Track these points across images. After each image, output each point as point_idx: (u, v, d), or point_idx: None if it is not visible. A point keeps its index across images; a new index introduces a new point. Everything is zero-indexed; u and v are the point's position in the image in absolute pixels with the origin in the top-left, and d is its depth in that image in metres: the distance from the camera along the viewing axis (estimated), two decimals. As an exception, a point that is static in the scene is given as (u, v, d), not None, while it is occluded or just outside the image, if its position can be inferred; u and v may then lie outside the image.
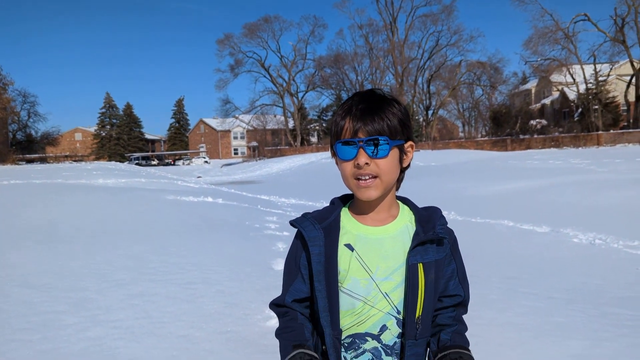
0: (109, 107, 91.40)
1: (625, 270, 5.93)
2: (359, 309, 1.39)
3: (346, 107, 1.39)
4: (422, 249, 1.38)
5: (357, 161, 1.33)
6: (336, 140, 1.38)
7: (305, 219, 1.46)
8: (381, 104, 1.37)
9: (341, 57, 66.41)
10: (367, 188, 1.34)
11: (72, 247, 6.16)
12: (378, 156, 1.33)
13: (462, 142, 50.32)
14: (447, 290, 1.48)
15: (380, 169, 1.34)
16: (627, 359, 3.32)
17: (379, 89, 1.45)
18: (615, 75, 50.02)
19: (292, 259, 1.49)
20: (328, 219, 1.45)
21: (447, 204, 12.62)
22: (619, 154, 26.21)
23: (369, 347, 1.41)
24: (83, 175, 19.12)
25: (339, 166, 1.41)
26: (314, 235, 1.41)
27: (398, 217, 1.45)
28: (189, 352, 3.36)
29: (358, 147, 1.33)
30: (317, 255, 1.39)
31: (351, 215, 1.46)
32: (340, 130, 1.36)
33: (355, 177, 1.35)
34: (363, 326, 1.40)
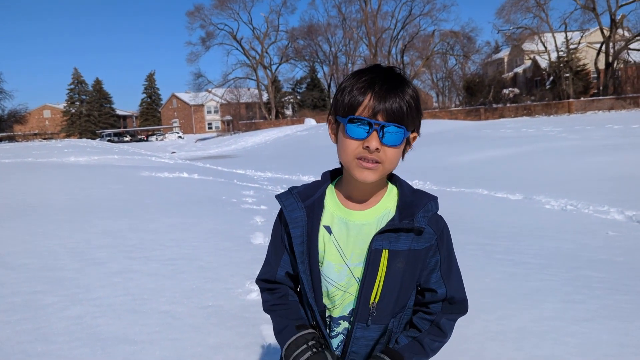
0: (78, 83, 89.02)
1: (596, 234, 6.11)
2: (332, 293, 1.38)
3: (366, 80, 1.26)
4: (394, 236, 1.31)
5: (368, 144, 1.22)
6: (348, 114, 1.25)
7: (291, 195, 1.41)
8: (404, 87, 1.26)
9: (314, 28, 65.65)
10: (368, 170, 1.26)
11: (47, 226, 6.07)
12: (390, 144, 1.24)
13: (437, 112, 50.52)
14: (429, 282, 1.40)
15: (387, 157, 1.26)
16: (599, 319, 3.44)
17: (398, 67, 1.34)
18: (585, 43, 50.59)
19: (278, 236, 1.46)
20: (313, 196, 1.39)
21: (423, 174, 12.74)
22: (590, 121, 26.72)
23: (341, 329, 1.41)
24: (54, 153, 18.72)
25: (339, 140, 1.30)
26: (296, 215, 1.37)
27: (381, 201, 1.37)
28: (171, 328, 3.36)
29: (373, 129, 1.22)
30: (299, 237, 1.36)
31: (336, 195, 1.41)
32: (356, 105, 1.24)
33: (357, 157, 1.26)
34: (337, 310, 1.40)
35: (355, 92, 1.25)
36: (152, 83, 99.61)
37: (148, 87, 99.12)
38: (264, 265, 1.51)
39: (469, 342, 3.16)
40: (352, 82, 1.28)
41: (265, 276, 1.49)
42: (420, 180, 11.63)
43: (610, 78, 45.61)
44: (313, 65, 72.90)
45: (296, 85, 77.34)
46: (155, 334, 3.26)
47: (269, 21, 67.66)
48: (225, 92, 71.20)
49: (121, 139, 72.45)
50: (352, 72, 1.33)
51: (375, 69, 1.30)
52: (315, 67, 73.62)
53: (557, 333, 3.26)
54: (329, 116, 1.37)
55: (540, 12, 48.94)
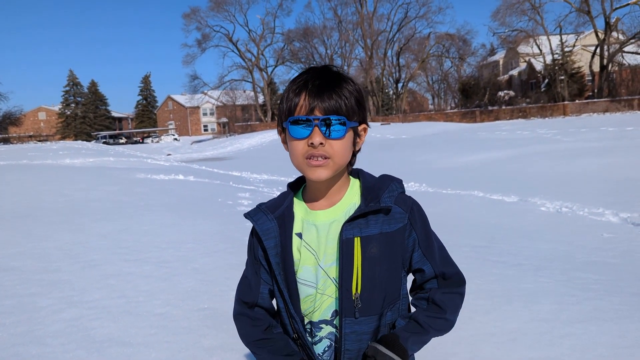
0: (73, 85, 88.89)
1: (590, 236, 6.13)
2: (312, 297, 1.36)
3: (301, 81, 1.29)
4: (363, 221, 1.30)
5: (312, 140, 1.24)
6: (288, 116, 1.28)
7: (259, 210, 1.41)
8: (339, 82, 1.29)
9: (310, 31, 65.72)
10: (317, 167, 1.26)
11: (42, 228, 6.05)
12: (333, 137, 1.25)
13: (432, 114, 50.72)
14: (412, 264, 1.39)
15: (334, 150, 1.26)
16: (593, 320, 3.46)
17: (334, 65, 1.37)
18: (580, 46, 50.85)
19: (251, 253, 1.45)
20: (281, 206, 1.39)
21: (418, 176, 12.77)
22: (585, 123, 26.82)
23: (324, 333, 1.38)
24: (49, 155, 18.67)
25: (288, 145, 1.32)
26: (267, 227, 1.36)
27: (345, 196, 1.37)
28: (166, 330, 3.36)
29: (313, 125, 1.24)
30: (273, 248, 1.35)
31: (302, 201, 1.41)
32: (293, 107, 1.27)
33: (306, 157, 1.27)
34: (316, 314, 1.37)
35: (291, 95, 1.28)
36: (148, 85, 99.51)
37: (144, 89, 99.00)
38: (243, 286, 1.46)
39: (463, 344, 3.17)
40: (288, 87, 1.32)
41: (246, 298, 1.44)
42: (415, 182, 11.65)
43: (605, 81, 45.86)
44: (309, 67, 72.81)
45: (292, 88, 77.21)
46: (150, 337, 3.26)
47: (265, 23, 67.79)
48: (221, 94, 71.19)
49: (116, 141, 72.30)
50: (290, 80, 1.36)
51: (309, 70, 1.33)
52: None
53: (552, 334, 3.27)
54: (278, 127, 1.38)
55: (536, 15, 49.22)
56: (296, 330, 1.38)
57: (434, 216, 1.53)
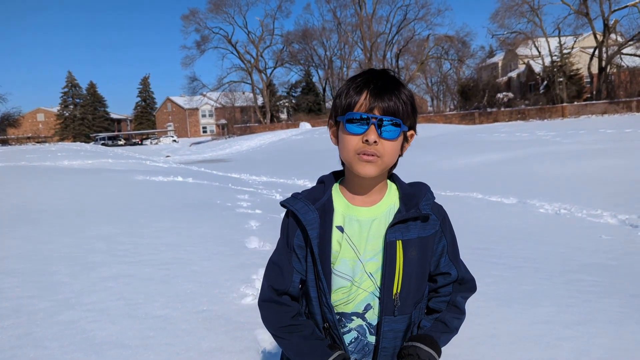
0: (72, 87, 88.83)
1: (589, 238, 6.13)
2: (347, 289, 1.40)
3: (362, 80, 1.34)
4: (404, 226, 1.38)
5: (367, 137, 1.29)
6: (346, 111, 1.33)
7: (297, 199, 1.44)
8: (397, 86, 1.34)
9: (309, 33, 65.81)
10: (368, 163, 1.32)
11: (40, 230, 6.04)
12: (387, 137, 1.31)
13: (431, 116, 50.69)
14: (439, 267, 1.48)
15: (385, 150, 1.32)
16: (592, 322, 3.46)
17: (392, 70, 1.43)
18: (579, 48, 50.89)
19: (285, 239, 1.46)
20: (321, 199, 1.43)
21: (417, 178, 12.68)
22: (583, 125, 26.86)
23: (354, 325, 1.43)
24: (47, 157, 18.65)
25: (340, 138, 1.37)
26: (311, 217, 1.39)
27: (385, 197, 1.44)
28: (165, 332, 3.36)
29: (371, 123, 1.29)
30: (315, 238, 1.38)
31: (342, 195, 1.45)
32: (353, 104, 1.32)
33: (358, 152, 1.32)
34: (349, 306, 1.41)
35: (351, 92, 1.34)
36: (147, 87, 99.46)
37: (142, 91, 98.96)
38: (274, 273, 1.46)
39: (462, 347, 3.17)
40: (348, 84, 1.37)
41: (277, 285, 1.43)
42: (414, 184, 11.65)
43: (604, 82, 45.90)
44: (308, 69, 72.97)
45: (291, 89, 77.38)
46: (149, 339, 3.25)
47: (264, 25, 67.82)
48: (220, 95, 71.19)
49: (115, 143, 72.30)
50: (349, 78, 1.41)
51: (369, 71, 1.39)
52: (311, 71, 73.73)
53: (550, 337, 3.27)
54: (329, 120, 1.45)
55: (534, 17, 49.24)
56: (328, 320, 1.41)
57: None
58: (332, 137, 1.44)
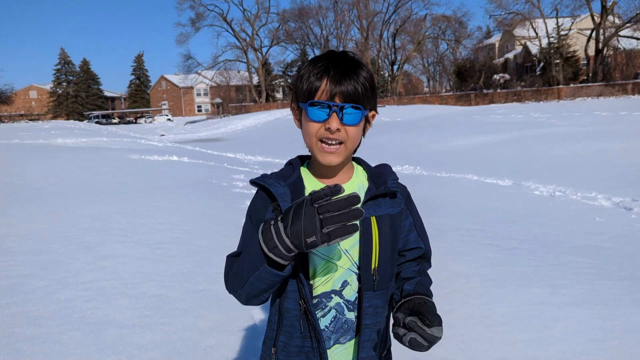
0: (65, 64, 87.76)
1: (583, 220, 6.18)
2: (323, 267, 1.39)
3: (322, 66, 1.35)
4: (374, 203, 1.41)
5: (329, 125, 1.31)
6: (307, 99, 1.34)
7: (268, 177, 1.45)
8: (357, 70, 1.35)
9: (305, 11, 65.03)
10: (331, 154, 1.35)
11: (35, 209, 6.03)
12: (349, 123, 1.33)
13: (427, 97, 50.51)
14: (408, 243, 1.52)
15: (348, 136, 1.34)
16: (585, 304, 3.50)
17: (351, 51, 1.43)
18: (576, 30, 50.65)
19: (255, 216, 1.43)
20: (291, 177, 1.45)
21: (413, 159, 12.78)
22: (579, 107, 26.86)
23: (332, 304, 1.41)
24: (41, 135, 18.53)
25: (303, 124, 1.40)
26: (282, 191, 1.38)
27: (353, 176, 1.47)
28: (162, 312, 3.37)
29: (332, 111, 1.31)
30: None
31: (311, 174, 1.47)
32: (314, 90, 1.33)
33: (320, 139, 1.34)
34: (329, 284, 1.40)
35: (312, 78, 1.34)
36: (141, 64, 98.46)
37: (137, 69, 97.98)
38: (241, 243, 1.43)
39: (456, 327, 3.20)
40: (308, 69, 1.37)
41: (241, 250, 1.40)
42: (410, 165, 11.67)
43: (600, 65, 45.80)
44: (304, 48, 72.33)
45: (287, 69, 76.82)
46: (145, 318, 3.27)
47: (260, 3, 67.01)
48: (215, 74, 70.56)
49: (109, 121, 71.78)
50: (309, 60, 1.41)
51: (329, 55, 1.39)
52: (307, 50, 73.08)
53: (544, 318, 3.31)
54: (292, 103, 1.46)
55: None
56: (303, 296, 1.37)
57: (427, 199, 1.61)
58: (295, 120, 1.45)
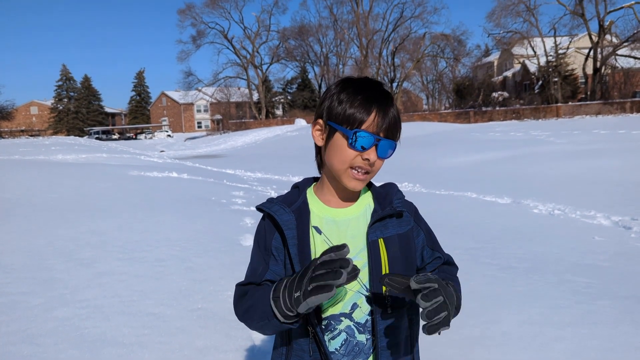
0: (66, 80, 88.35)
1: (582, 239, 6.17)
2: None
3: (368, 97, 1.36)
4: (381, 224, 1.41)
5: (368, 156, 1.34)
6: (352, 125, 1.34)
7: (273, 203, 1.45)
8: (393, 103, 1.39)
9: (305, 29, 65.54)
10: (359, 181, 1.37)
11: (33, 225, 6.02)
12: (383, 157, 1.37)
13: (426, 114, 50.74)
14: (424, 260, 1.53)
15: (377, 167, 1.39)
16: (584, 324, 3.49)
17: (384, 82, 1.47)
18: (574, 48, 51.08)
19: (262, 243, 1.45)
20: (296, 202, 1.45)
21: (412, 176, 12.80)
22: (577, 125, 26.96)
23: (343, 327, 1.41)
24: (41, 151, 18.55)
25: (334, 146, 1.37)
26: (287, 218, 1.40)
27: (359, 198, 1.48)
28: (159, 330, 3.36)
29: (374, 144, 1.34)
30: (292, 239, 1.38)
31: (317, 198, 1.47)
32: (362, 120, 1.34)
33: (352, 167, 1.36)
34: (338, 307, 1.40)
35: (359, 107, 1.34)
36: (142, 81, 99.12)
37: (137, 85, 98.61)
38: (250, 272, 1.46)
39: (455, 347, 3.19)
40: (351, 94, 1.36)
41: (249, 280, 1.44)
42: (409, 183, 11.68)
43: (598, 83, 46.12)
44: (304, 65, 72.86)
45: (287, 86, 77.28)
46: (143, 337, 3.25)
47: (261, 21, 67.56)
48: (216, 91, 70.91)
49: (109, 137, 71.98)
50: (344, 82, 1.41)
51: (370, 84, 1.40)
52: (306, 67, 73.64)
53: (543, 338, 3.29)
54: (319, 119, 1.43)
55: (530, 16, 49.35)
56: (311, 321, 1.37)
57: (426, 217, 1.60)
58: (318, 136, 1.43)
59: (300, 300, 1.17)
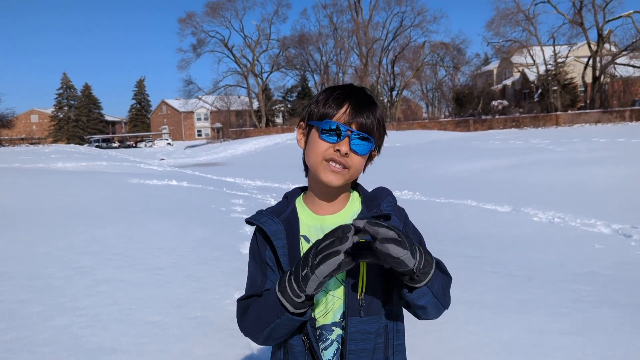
0: (67, 88, 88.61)
1: (582, 247, 6.16)
2: (322, 299, 1.38)
3: (343, 93, 1.39)
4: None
5: (339, 147, 1.33)
6: (324, 119, 1.36)
7: (262, 214, 1.45)
8: (374, 106, 1.39)
9: (305, 38, 65.84)
10: (334, 173, 1.35)
11: (32, 232, 6.01)
12: (358, 151, 1.35)
13: (426, 122, 50.87)
14: None
15: (354, 163, 1.37)
16: (585, 332, 3.47)
17: (368, 89, 1.47)
18: (573, 57, 51.25)
19: (257, 256, 1.45)
20: (285, 211, 1.45)
21: (412, 184, 12.79)
22: (577, 133, 27.01)
23: (334, 336, 1.40)
24: (41, 159, 18.56)
25: (310, 143, 1.40)
26: (275, 229, 1.40)
27: (348, 203, 1.47)
28: (158, 338, 3.34)
29: (345, 136, 1.34)
30: (281, 249, 1.38)
31: (306, 206, 1.47)
32: (332, 113, 1.36)
33: (326, 159, 1.35)
34: (328, 316, 1.39)
35: (331, 102, 1.37)
36: (142, 89, 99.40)
37: (138, 93, 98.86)
38: (249, 285, 1.47)
39: (456, 355, 3.17)
40: (327, 94, 1.41)
41: (249, 293, 1.44)
42: (409, 191, 11.67)
43: (597, 92, 46.23)
44: (304, 74, 73.09)
45: (287, 94, 77.47)
46: (142, 345, 3.24)
47: (261, 29, 67.91)
48: (216, 99, 71.16)
49: (109, 145, 72.07)
50: (326, 88, 1.45)
51: (350, 86, 1.43)
52: (306, 76, 73.84)
53: (544, 346, 3.28)
54: (300, 122, 1.46)
55: (529, 25, 49.55)
56: (306, 332, 1.37)
57: (426, 225, 1.58)
58: (300, 139, 1.46)
59: (309, 276, 1.17)
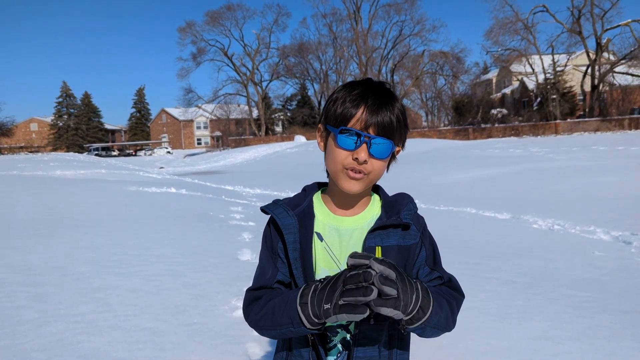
0: (66, 97, 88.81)
1: (582, 254, 6.13)
2: None
3: (360, 93, 1.31)
4: (384, 232, 1.35)
5: (357, 155, 1.27)
6: (340, 124, 1.29)
7: (277, 205, 1.42)
8: (393, 102, 1.32)
9: (305, 46, 66.12)
10: (354, 181, 1.30)
11: (28, 240, 5.97)
12: (377, 157, 1.29)
13: (426, 131, 50.93)
14: (419, 278, 1.42)
15: (374, 169, 1.30)
16: (585, 339, 3.44)
17: (388, 82, 1.39)
18: (572, 66, 51.46)
19: (269, 245, 1.43)
20: (301, 205, 1.42)
21: (411, 192, 12.66)
22: (576, 142, 27.03)
23: (339, 339, 1.38)
24: (39, 166, 18.56)
25: (328, 149, 1.35)
26: (289, 222, 1.37)
27: (368, 207, 1.42)
28: (154, 345, 3.30)
29: (362, 141, 1.27)
30: (292, 243, 1.36)
31: (323, 203, 1.43)
32: (349, 116, 1.29)
33: (345, 167, 1.30)
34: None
35: (348, 104, 1.30)
36: (142, 98, 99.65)
37: (137, 102, 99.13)
38: (259, 275, 1.44)
39: (456, 362, 3.13)
40: (344, 93, 1.33)
41: (259, 284, 1.41)
42: (408, 199, 11.63)
43: (596, 100, 46.37)
44: (304, 82, 73.36)
45: (286, 102, 77.68)
46: (138, 352, 3.20)
47: (260, 38, 68.21)
48: (215, 108, 71.29)
49: (109, 153, 72.14)
50: (344, 84, 1.37)
51: (367, 82, 1.35)
52: (306, 84, 74.13)
53: (544, 353, 3.24)
54: (319, 124, 1.41)
55: (528, 34, 49.81)
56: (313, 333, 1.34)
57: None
58: (320, 142, 1.41)
59: (330, 314, 1.14)
